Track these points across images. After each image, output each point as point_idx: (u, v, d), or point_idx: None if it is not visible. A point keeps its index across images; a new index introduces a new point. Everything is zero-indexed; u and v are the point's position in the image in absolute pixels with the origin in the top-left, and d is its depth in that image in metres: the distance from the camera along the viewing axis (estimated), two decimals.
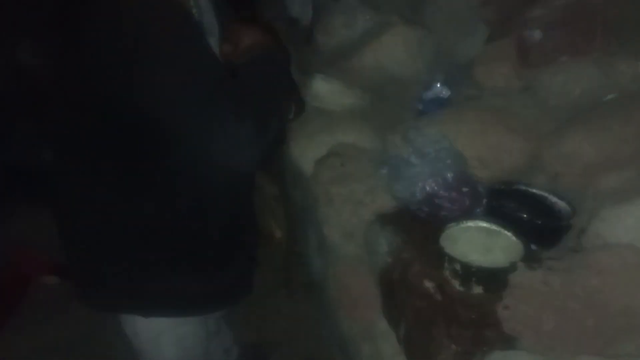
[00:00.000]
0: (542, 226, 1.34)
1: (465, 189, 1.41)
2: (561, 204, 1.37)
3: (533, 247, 1.31)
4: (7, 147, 2.71)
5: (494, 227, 1.33)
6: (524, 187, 1.42)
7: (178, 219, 1.35)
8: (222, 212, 1.42)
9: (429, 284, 1.30)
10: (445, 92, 1.65)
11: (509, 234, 1.31)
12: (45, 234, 2.40)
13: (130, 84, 1.17)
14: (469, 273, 1.25)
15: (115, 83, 1.18)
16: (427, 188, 1.41)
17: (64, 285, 2.64)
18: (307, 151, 1.69)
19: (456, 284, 1.27)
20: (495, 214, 1.38)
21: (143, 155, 1.27)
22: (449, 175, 1.42)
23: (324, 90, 1.70)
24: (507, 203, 1.39)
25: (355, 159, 1.61)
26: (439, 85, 1.65)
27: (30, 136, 2.74)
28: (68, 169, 1.37)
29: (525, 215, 1.36)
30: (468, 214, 1.39)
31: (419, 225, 1.39)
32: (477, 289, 1.25)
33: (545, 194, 1.40)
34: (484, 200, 1.42)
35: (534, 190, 1.41)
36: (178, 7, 1.23)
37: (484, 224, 1.34)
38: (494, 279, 1.25)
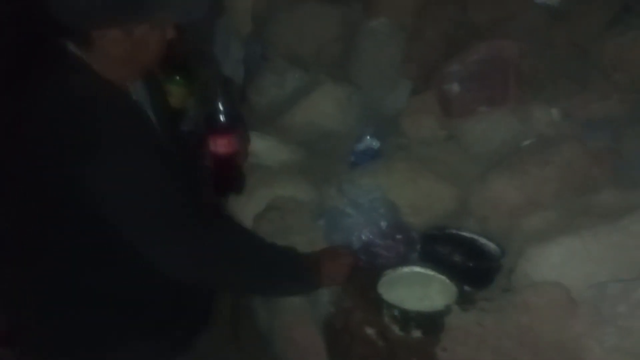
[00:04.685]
0: (474, 268, 1.36)
1: (399, 236, 1.43)
2: (491, 246, 1.41)
3: (467, 288, 1.33)
4: None
5: (428, 272, 1.35)
6: (454, 232, 1.45)
7: (123, 288, 1.27)
8: (169, 284, 1.32)
9: (370, 331, 1.29)
10: (376, 144, 1.68)
11: (443, 277, 1.32)
12: None
13: (73, 175, 1.13)
14: (407, 318, 1.26)
15: (56, 173, 1.14)
16: (363, 237, 1.43)
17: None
18: (246, 206, 1.68)
19: (396, 329, 1.27)
20: (429, 258, 1.40)
21: (84, 235, 1.20)
22: (383, 223, 1.44)
23: (260, 147, 1.70)
24: (440, 247, 1.41)
25: (294, 211, 1.61)
26: (369, 138, 1.68)
27: None
28: (10, 241, 1.30)
29: (457, 259, 1.38)
30: (404, 260, 1.41)
31: (358, 273, 1.39)
32: (416, 333, 1.26)
33: (475, 237, 1.43)
34: (418, 246, 1.44)
35: (465, 234, 1.44)
36: (124, 96, 1.22)
37: (418, 269, 1.36)
38: (431, 323, 1.25)
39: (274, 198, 1.66)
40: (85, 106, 1.15)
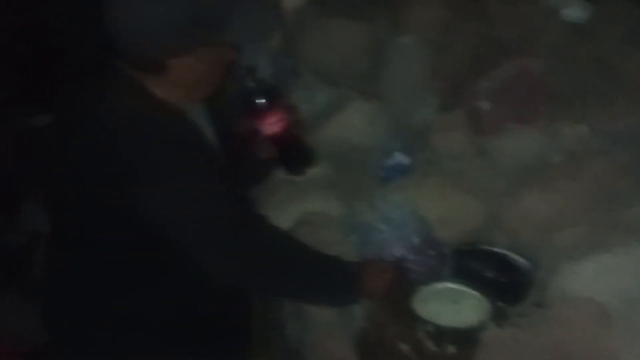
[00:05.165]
0: (507, 284, 1.37)
1: (431, 252, 1.44)
2: (522, 261, 1.41)
3: (500, 304, 1.34)
4: None
5: (461, 287, 1.35)
6: (486, 247, 1.45)
7: (167, 309, 1.30)
8: (214, 299, 1.35)
9: (404, 346, 1.30)
10: (405, 159, 1.68)
11: (476, 293, 1.33)
12: (13, 319, 2.33)
13: (128, 192, 1.15)
14: (441, 334, 1.27)
15: (111, 189, 1.16)
16: (396, 253, 1.43)
17: None
18: (276, 221, 1.69)
19: (430, 345, 1.28)
20: (461, 274, 1.41)
21: (134, 251, 1.23)
22: (415, 239, 1.44)
23: None
24: (472, 263, 1.42)
25: (325, 227, 1.61)
26: (398, 153, 1.68)
27: None
28: (59, 256, 1.33)
29: (489, 274, 1.39)
30: (436, 275, 1.41)
31: (391, 288, 1.40)
32: (451, 349, 1.27)
33: (507, 252, 1.43)
34: (450, 261, 1.44)
35: (496, 249, 1.44)
36: (182, 119, 1.23)
37: (451, 285, 1.36)
38: (466, 339, 1.26)
39: (304, 213, 1.67)
40: (142, 128, 1.16)
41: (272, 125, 1.32)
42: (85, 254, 1.26)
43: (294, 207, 1.69)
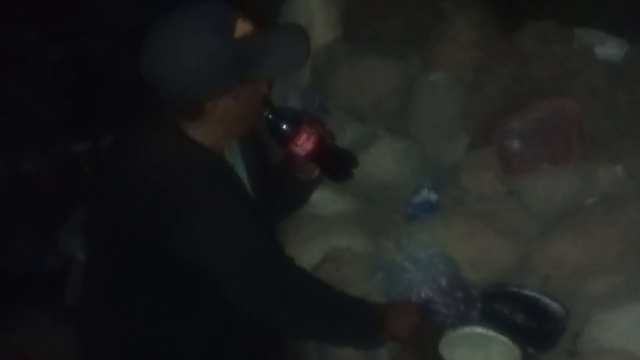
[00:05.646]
0: (538, 329, 1.31)
1: (459, 294, 1.39)
2: (554, 306, 1.35)
3: (530, 351, 1.28)
4: (8, 253, 2.66)
5: (490, 332, 1.30)
6: (516, 290, 1.40)
7: (202, 340, 1.30)
8: (248, 334, 1.37)
9: None
10: (433, 197, 1.64)
11: (506, 339, 1.28)
12: (47, 341, 2.34)
13: (170, 233, 1.17)
14: None
15: (151, 227, 1.18)
16: (422, 294, 1.39)
17: None
18: (302, 256, 1.66)
19: None
20: (490, 317, 1.36)
21: (170, 286, 1.25)
22: (442, 280, 1.40)
23: (316, 197, 1.68)
24: (501, 306, 1.36)
25: (350, 263, 1.58)
26: (426, 190, 1.65)
27: (32, 243, 2.72)
28: (95, 283, 1.35)
29: (519, 319, 1.33)
30: (463, 319, 1.37)
31: (417, 332, 1.35)
32: None
33: (538, 296, 1.38)
34: (478, 304, 1.40)
35: (526, 292, 1.39)
36: (219, 161, 1.25)
37: (480, 330, 1.31)
38: None
39: (330, 249, 1.64)
40: (177, 170, 1.18)
41: (304, 144, 1.33)
42: (122, 284, 1.27)
43: (320, 242, 1.66)
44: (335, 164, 1.43)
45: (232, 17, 1.15)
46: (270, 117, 1.28)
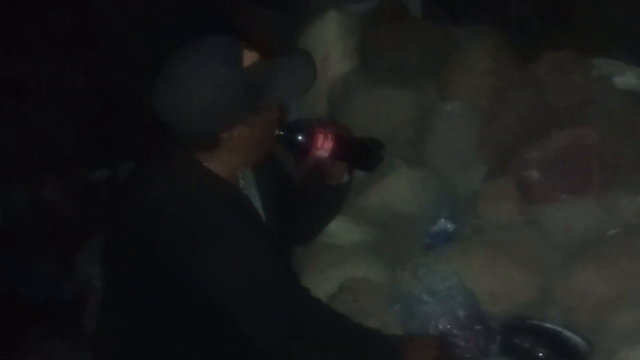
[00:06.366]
0: None
1: (478, 327, 1.34)
2: (576, 339, 1.30)
3: None
4: (27, 280, 2.65)
5: None
6: (537, 322, 1.35)
7: None
8: None
9: None
10: (451, 226, 1.61)
11: None
12: None
13: (185, 266, 1.15)
14: None
15: (165, 261, 1.16)
16: (440, 327, 1.35)
17: None
18: (318, 286, 1.62)
19: None
20: (510, 351, 1.31)
21: (186, 319, 1.22)
22: (461, 313, 1.35)
23: (333, 227, 1.65)
24: (522, 340, 1.31)
25: (367, 294, 1.54)
26: (443, 220, 1.62)
27: (51, 271, 2.70)
28: (111, 311, 1.33)
29: (540, 353, 1.28)
30: (483, 352, 1.33)
31: None
32: None
33: (560, 329, 1.33)
34: (498, 337, 1.35)
35: (548, 325, 1.34)
36: (235, 192, 1.23)
37: None
38: None
39: (346, 279, 1.59)
40: (194, 203, 1.17)
41: (324, 145, 1.30)
42: (137, 316, 1.25)
43: (336, 272, 1.62)
44: (362, 153, 1.40)
45: (239, 48, 1.15)
46: (282, 133, 1.27)
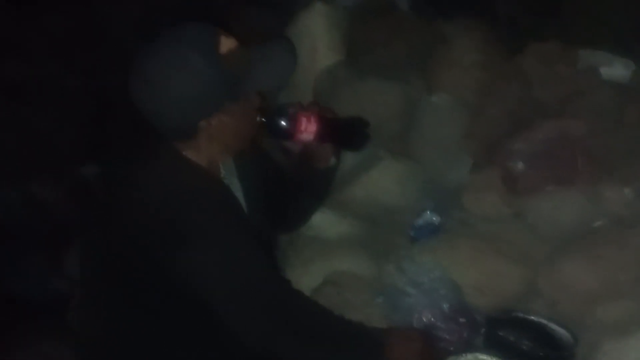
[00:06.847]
0: (544, 357, 1.24)
1: (462, 320, 1.32)
2: (561, 332, 1.29)
3: None
4: (18, 277, 2.62)
5: (494, 359, 1.22)
6: (522, 315, 1.33)
7: None
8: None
9: None
10: (436, 219, 1.59)
11: None
12: None
13: (170, 262, 1.13)
14: None
15: (152, 258, 1.14)
16: (424, 319, 1.33)
17: None
18: (302, 279, 1.60)
19: None
20: (494, 344, 1.29)
21: (170, 314, 1.19)
22: (445, 305, 1.33)
23: (318, 219, 1.63)
24: (507, 333, 1.29)
25: (351, 287, 1.51)
26: (429, 213, 1.59)
27: (41, 268, 2.67)
28: (93, 308, 1.30)
29: (525, 346, 1.25)
30: (467, 345, 1.30)
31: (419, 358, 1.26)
32: None
33: (545, 322, 1.31)
34: (483, 330, 1.32)
35: (533, 318, 1.32)
36: (215, 183, 1.21)
37: (484, 357, 1.24)
38: None
39: (331, 272, 1.57)
40: (178, 200, 1.14)
41: (308, 127, 1.28)
42: (121, 311, 1.23)
43: (321, 265, 1.60)
44: (347, 133, 1.37)
45: (216, 35, 1.13)
46: (264, 120, 1.25)
